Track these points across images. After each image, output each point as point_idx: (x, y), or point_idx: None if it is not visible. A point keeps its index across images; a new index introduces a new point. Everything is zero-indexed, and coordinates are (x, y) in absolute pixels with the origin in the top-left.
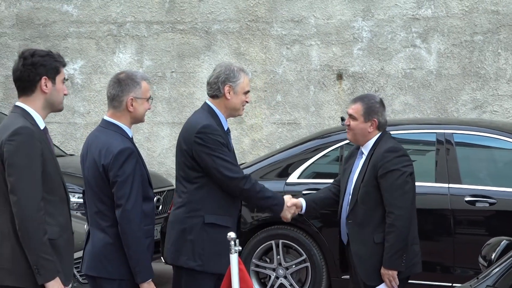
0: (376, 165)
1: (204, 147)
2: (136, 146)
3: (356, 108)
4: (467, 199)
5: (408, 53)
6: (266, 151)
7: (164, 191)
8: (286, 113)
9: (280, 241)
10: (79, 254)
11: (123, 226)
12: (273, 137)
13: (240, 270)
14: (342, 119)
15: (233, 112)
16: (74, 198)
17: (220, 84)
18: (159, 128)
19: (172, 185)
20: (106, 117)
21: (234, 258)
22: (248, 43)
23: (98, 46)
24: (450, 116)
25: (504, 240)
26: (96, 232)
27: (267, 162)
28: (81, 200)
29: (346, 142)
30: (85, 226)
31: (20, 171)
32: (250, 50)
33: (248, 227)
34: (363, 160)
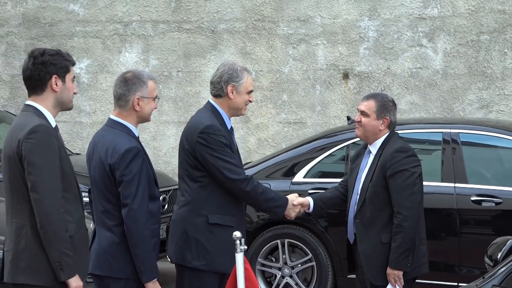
0: (385, 165)
1: (207, 148)
2: (142, 145)
3: (369, 105)
4: (473, 199)
5: (414, 53)
6: (272, 151)
7: (170, 190)
8: (292, 113)
9: (286, 240)
10: None
11: (129, 225)
12: (279, 136)
13: (246, 269)
14: (348, 118)
15: (236, 112)
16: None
17: (223, 84)
18: (165, 127)
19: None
20: (113, 116)
21: (240, 257)
22: (254, 43)
23: (104, 45)
24: (456, 116)
25: (510, 240)
26: (102, 231)
27: (273, 162)
28: (88, 199)
29: (352, 142)
30: (91, 225)
31: (40, 169)
32: (256, 50)
33: (254, 226)
34: (371, 159)
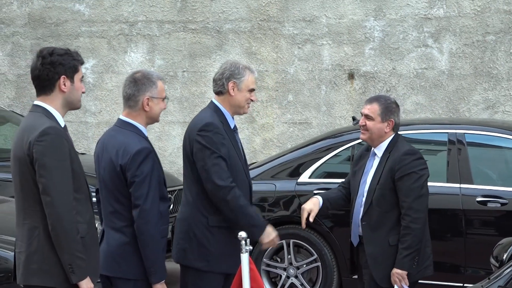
0: (394, 168)
1: (201, 145)
2: (152, 146)
3: (373, 108)
4: (479, 199)
5: (420, 53)
6: (277, 151)
7: (176, 190)
8: (298, 113)
9: (291, 241)
10: None
11: (141, 226)
12: (285, 137)
13: (251, 270)
14: (354, 119)
15: (238, 110)
16: None
17: (225, 81)
18: (171, 127)
19: None
20: (122, 117)
21: (245, 258)
22: (260, 43)
23: (110, 45)
24: (462, 116)
25: None
26: (111, 232)
27: (278, 162)
28: (95, 199)
29: (358, 142)
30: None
31: (52, 172)
32: (262, 50)
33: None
34: (377, 162)
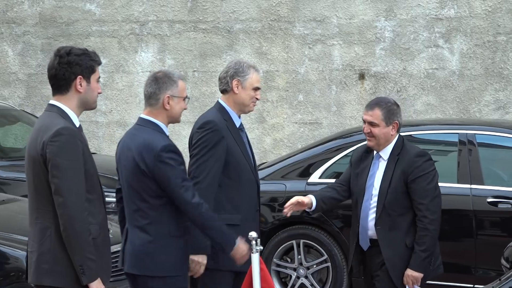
0: (406, 171)
1: (195, 144)
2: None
3: (376, 114)
4: (489, 200)
5: (431, 53)
6: (288, 151)
7: None
8: (308, 113)
9: (301, 241)
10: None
11: (193, 214)
12: (295, 137)
13: (261, 270)
14: None
15: (243, 108)
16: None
17: (229, 79)
18: (181, 127)
19: None
20: (143, 115)
21: (256, 258)
22: (270, 43)
23: (121, 45)
24: (473, 117)
25: None
26: (135, 230)
27: (289, 162)
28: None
29: None
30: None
31: (65, 172)
32: (272, 50)
33: (269, 227)
34: (384, 165)
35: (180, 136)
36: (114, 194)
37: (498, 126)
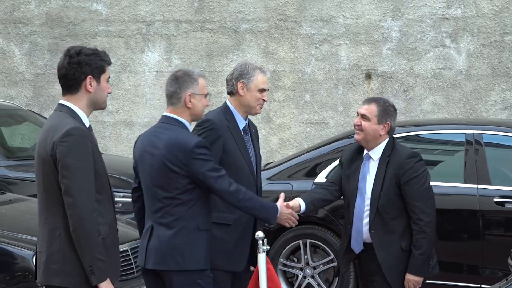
0: (398, 173)
1: None
2: None
3: (371, 109)
4: (496, 200)
5: (438, 53)
6: (294, 151)
7: None
8: (315, 113)
9: (308, 241)
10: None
11: (233, 201)
12: (301, 137)
13: (268, 270)
14: None
15: (249, 110)
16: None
17: (234, 81)
18: None
19: None
20: (167, 113)
21: (262, 257)
22: (277, 43)
23: (127, 45)
24: (480, 117)
25: None
26: (161, 228)
27: (295, 162)
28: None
29: None
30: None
31: (75, 173)
32: (279, 50)
33: (276, 227)
34: (375, 166)
35: None
36: (121, 194)
37: (505, 126)
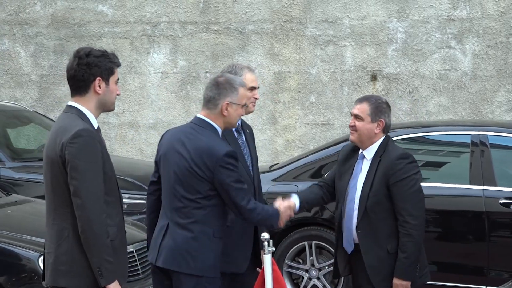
0: (388, 173)
1: None
2: None
3: (363, 108)
4: (502, 201)
5: (443, 54)
6: (300, 152)
7: None
8: (320, 114)
9: (313, 242)
10: None
11: (245, 217)
12: (307, 138)
13: (274, 271)
14: None
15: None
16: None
17: None
18: None
19: None
20: (202, 116)
21: (268, 259)
22: (282, 44)
23: (133, 46)
24: (485, 118)
25: None
26: (177, 228)
27: (301, 163)
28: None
29: None
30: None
31: (84, 174)
32: (284, 51)
33: (281, 228)
34: (367, 166)
35: None
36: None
37: (511, 127)
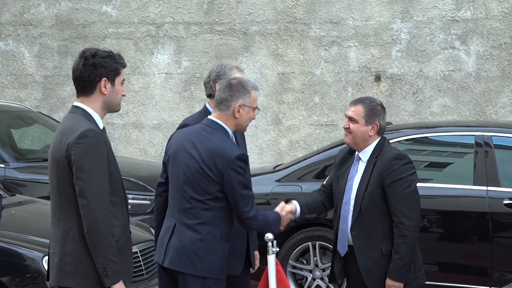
0: (383, 174)
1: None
2: None
3: (357, 110)
4: (506, 202)
5: (447, 55)
6: (304, 153)
7: None
8: (324, 115)
9: (317, 243)
10: None
11: (245, 223)
12: (311, 139)
13: (278, 271)
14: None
15: None
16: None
17: (212, 83)
18: None
19: None
20: (213, 118)
21: (272, 259)
22: (286, 45)
23: (137, 47)
24: (489, 119)
25: None
26: (184, 229)
27: (305, 164)
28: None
29: None
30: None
31: (89, 175)
32: (288, 52)
33: (285, 229)
34: (363, 167)
35: None
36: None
37: None
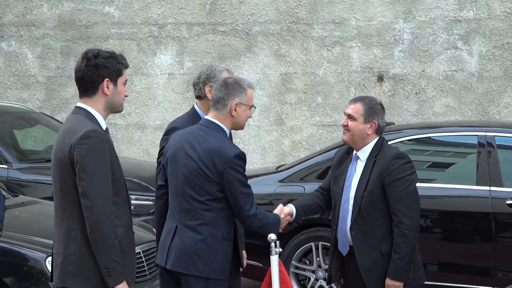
0: (383, 173)
1: (159, 151)
2: None
3: (356, 108)
4: (509, 202)
5: (450, 55)
6: (306, 153)
7: None
8: (327, 115)
9: (320, 243)
10: None
11: (246, 222)
12: (313, 139)
13: (280, 272)
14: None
15: None
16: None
17: (201, 85)
18: None
19: None
20: (210, 118)
21: (275, 260)
22: (289, 45)
23: (139, 48)
24: (492, 119)
25: None
26: (185, 230)
27: (307, 164)
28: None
29: None
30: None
31: (92, 175)
32: (291, 52)
33: (288, 229)
34: (362, 166)
35: None
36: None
37: None
